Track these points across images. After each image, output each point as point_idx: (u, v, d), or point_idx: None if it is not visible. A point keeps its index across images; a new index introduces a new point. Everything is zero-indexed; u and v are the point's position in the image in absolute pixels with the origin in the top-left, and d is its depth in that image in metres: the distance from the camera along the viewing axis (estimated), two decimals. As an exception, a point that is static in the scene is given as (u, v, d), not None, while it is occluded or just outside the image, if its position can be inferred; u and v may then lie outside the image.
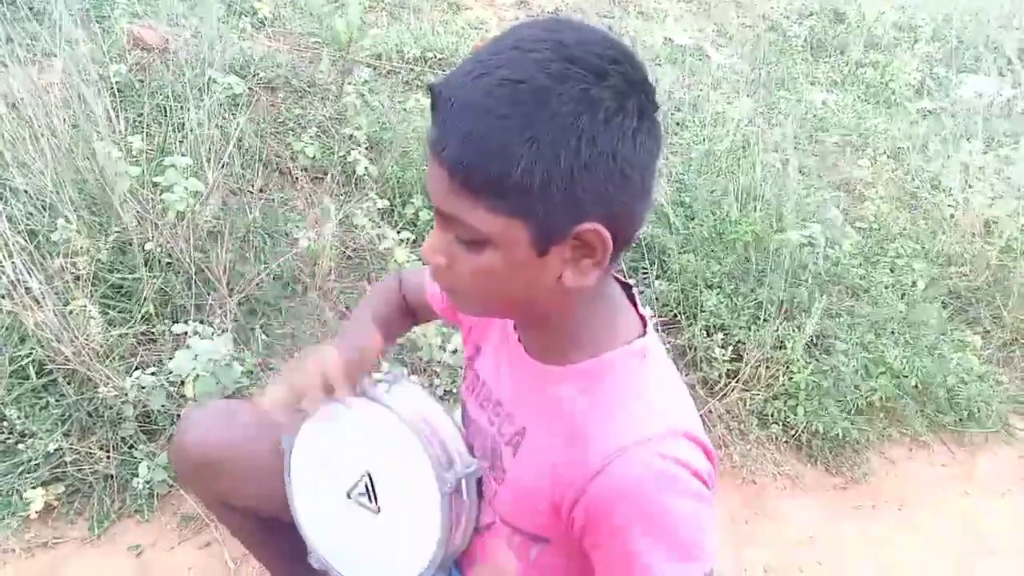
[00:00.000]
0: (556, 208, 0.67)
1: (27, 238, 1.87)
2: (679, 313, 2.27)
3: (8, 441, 1.70)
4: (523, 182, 0.65)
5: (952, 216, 2.91)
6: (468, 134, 0.65)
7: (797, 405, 2.13)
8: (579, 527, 0.79)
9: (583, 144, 0.64)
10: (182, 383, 1.73)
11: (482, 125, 0.64)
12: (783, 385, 2.16)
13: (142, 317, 1.92)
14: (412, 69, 3.11)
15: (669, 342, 2.20)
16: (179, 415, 1.76)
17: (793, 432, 2.15)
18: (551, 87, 0.63)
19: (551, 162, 0.64)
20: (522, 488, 0.86)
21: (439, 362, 2.00)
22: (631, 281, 0.93)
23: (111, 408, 1.75)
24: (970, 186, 2.91)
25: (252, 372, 1.89)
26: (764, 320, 2.23)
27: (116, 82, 2.39)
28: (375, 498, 0.95)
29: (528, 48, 0.65)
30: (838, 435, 2.12)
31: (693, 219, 2.45)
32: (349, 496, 0.97)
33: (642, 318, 0.85)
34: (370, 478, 0.95)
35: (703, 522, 0.77)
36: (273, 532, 1.20)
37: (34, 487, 1.67)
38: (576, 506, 0.78)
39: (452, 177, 0.67)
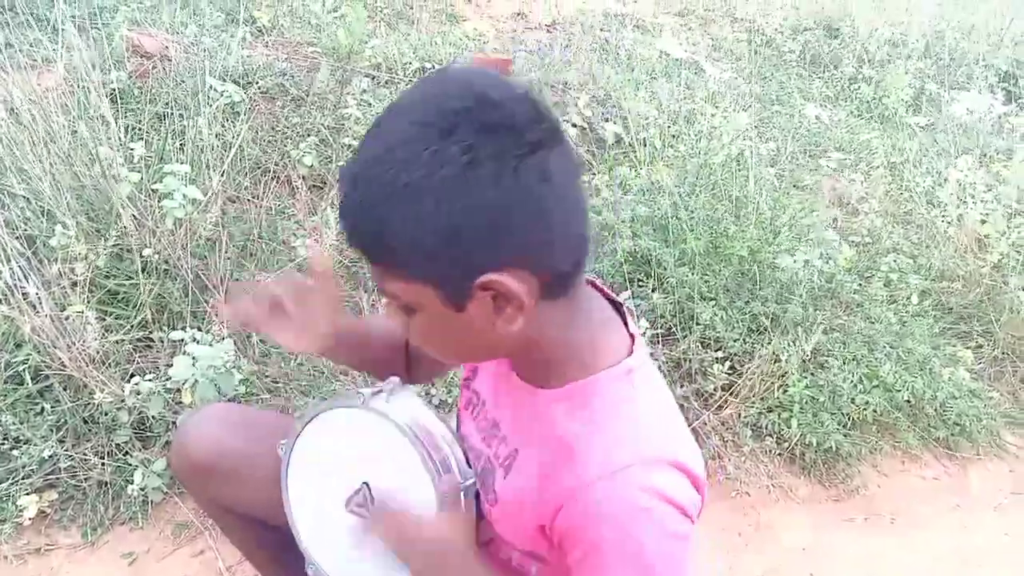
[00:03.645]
0: (442, 269, 0.70)
1: (25, 243, 1.87)
2: (674, 326, 2.28)
3: (2, 447, 1.70)
4: (402, 251, 0.69)
5: (946, 231, 2.94)
6: (349, 213, 0.70)
7: (791, 418, 2.15)
8: (558, 545, 0.80)
9: (442, 205, 0.65)
10: (178, 390, 1.73)
11: (357, 203, 0.69)
12: (777, 398, 2.18)
13: (139, 324, 1.92)
14: (411, 80, 3.12)
15: (664, 354, 2.21)
16: (175, 422, 1.76)
17: (787, 444, 2.16)
18: (403, 156, 0.66)
19: (418, 229, 0.67)
20: (512, 508, 0.87)
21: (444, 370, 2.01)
22: (622, 297, 0.94)
23: (106, 414, 1.75)
24: (963, 202, 2.94)
25: (249, 380, 1.89)
26: (759, 334, 2.24)
27: (115, 89, 2.40)
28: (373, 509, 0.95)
29: (396, 112, 0.69)
30: (831, 448, 2.13)
31: (692, 231, 2.46)
32: (347, 506, 0.97)
33: (632, 336, 0.85)
34: (368, 488, 0.95)
35: (677, 562, 0.76)
36: (270, 539, 1.21)
37: (28, 493, 1.66)
38: (555, 525, 0.79)
39: (359, 252, 0.73)
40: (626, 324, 0.86)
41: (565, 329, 0.79)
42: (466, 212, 0.66)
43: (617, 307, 0.88)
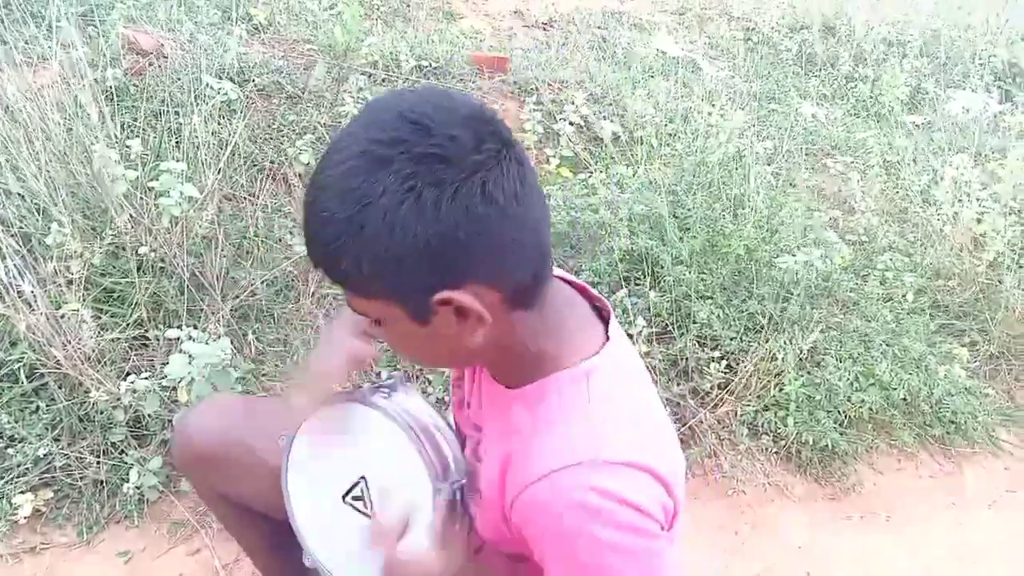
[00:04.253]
0: (400, 289, 0.72)
1: (20, 241, 1.86)
2: (671, 324, 2.28)
3: (-3, 445, 1.70)
4: (357, 274, 0.71)
5: (941, 230, 2.94)
6: (308, 241, 0.73)
7: (787, 416, 2.15)
8: (523, 544, 0.81)
9: (387, 233, 0.68)
10: (174, 388, 1.73)
11: (311, 232, 0.72)
12: (774, 396, 2.18)
13: (134, 322, 1.92)
14: (407, 78, 3.12)
15: (661, 352, 2.21)
16: (171, 420, 1.76)
17: (783, 443, 2.17)
18: (344, 187, 0.68)
19: (370, 254, 0.69)
20: (487, 507, 0.88)
21: (432, 370, 2.01)
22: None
23: (102, 413, 1.75)
24: (959, 200, 2.94)
25: (245, 378, 1.89)
26: (755, 332, 2.25)
27: (111, 86, 2.39)
28: (370, 503, 0.96)
29: (335, 147, 0.71)
30: (827, 446, 2.14)
31: (689, 229, 2.46)
32: (344, 500, 0.98)
33: (607, 335, 0.86)
34: (366, 483, 0.96)
35: (645, 560, 0.76)
36: (268, 530, 1.22)
37: (23, 492, 1.66)
38: (512, 523, 0.81)
39: (324, 274, 0.75)
40: (607, 326, 0.87)
41: (535, 336, 0.81)
42: (411, 240, 0.68)
43: (599, 309, 0.89)
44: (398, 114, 0.69)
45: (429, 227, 0.67)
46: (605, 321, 0.88)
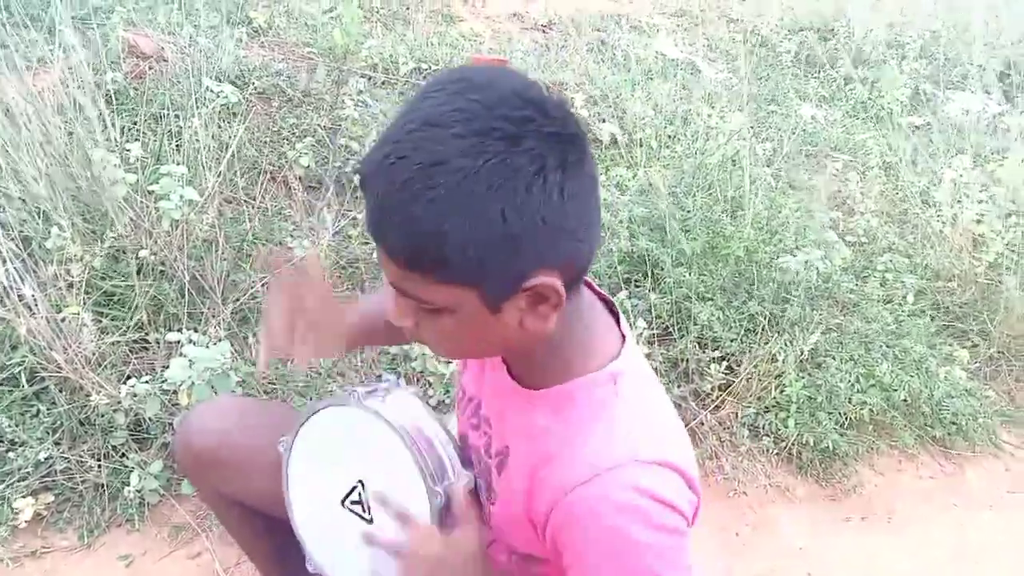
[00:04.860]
0: (498, 273, 0.70)
1: (20, 245, 1.86)
2: (671, 326, 2.28)
3: (-2, 449, 1.69)
4: (460, 258, 0.67)
5: (941, 231, 2.94)
6: (399, 222, 0.67)
7: (788, 417, 2.15)
8: (552, 547, 0.81)
9: (510, 214, 0.65)
10: (175, 392, 1.73)
11: (410, 212, 0.65)
12: (774, 398, 2.18)
13: (135, 325, 1.92)
14: (407, 81, 3.12)
15: (662, 354, 2.21)
16: (172, 424, 1.76)
17: (784, 444, 2.17)
18: (468, 165, 0.64)
19: (483, 237, 0.66)
20: (507, 507, 0.87)
21: (432, 372, 2.01)
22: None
23: (103, 416, 1.75)
24: (959, 202, 2.94)
25: (245, 381, 1.89)
26: (756, 334, 2.25)
27: (111, 90, 2.39)
28: (368, 507, 0.96)
29: (438, 123, 0.65)
30: (828, 447, 2.13)
31: (688, 232, 2.46)
32: (343, 504, 0.98)
33: (623, 336, 0.86)
34: (363, 487, 0.96)
35: (672, 556, 0.76)
36: (271, 533, 1.22)
37: (24, 496, 1.66)
38: (546, 529, 0.80)
39: (395, 261, 0.70)
40: (618, 324, 0.87)
41: (563, 328, 0.80)
42: (531, 220, 0.67)
43: (610, 306, 0.89)
44: (512, 91, 0.67)
45: (550, 208, 0.67)
46: (613, 315, 0.88)
